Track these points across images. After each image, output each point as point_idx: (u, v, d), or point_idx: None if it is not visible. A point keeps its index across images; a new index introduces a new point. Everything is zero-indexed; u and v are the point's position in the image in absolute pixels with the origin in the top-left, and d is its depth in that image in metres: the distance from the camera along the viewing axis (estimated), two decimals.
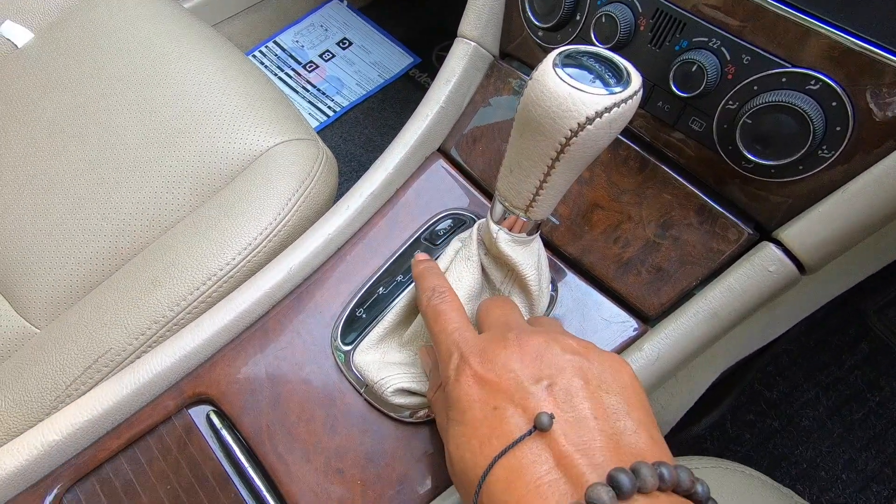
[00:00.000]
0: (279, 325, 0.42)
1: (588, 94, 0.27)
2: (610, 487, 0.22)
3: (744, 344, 0.61)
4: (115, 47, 0.63)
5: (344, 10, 1.21)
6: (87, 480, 0.37)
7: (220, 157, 0.56)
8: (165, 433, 0.38)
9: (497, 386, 0.27)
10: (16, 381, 0.46)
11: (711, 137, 0.37)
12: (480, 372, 0.28)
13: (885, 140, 0.31)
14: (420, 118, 0.48)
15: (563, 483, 0.23)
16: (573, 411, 0.25)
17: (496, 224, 0.35)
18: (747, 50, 0.34)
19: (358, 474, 0.36)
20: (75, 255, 0.53)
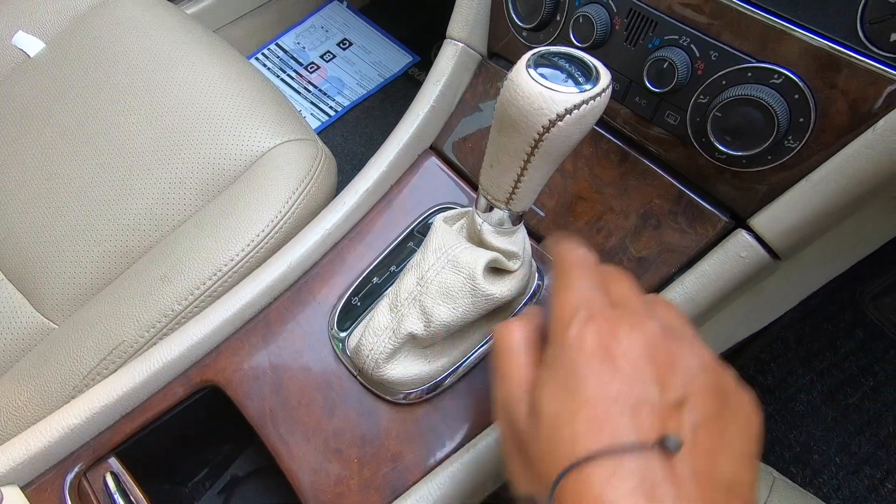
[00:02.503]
0: (280, 316, 0.44)
1: (558, 92, 0.29)
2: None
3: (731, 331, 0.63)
4: (121, 55, 0.65)
5: (344, 11, 1.24)
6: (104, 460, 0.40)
7: (224, 159, 0.58)
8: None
9: (622, 369, 0.23)
10: (36, 373, 0.50)
11: (686, 130, 0.39)
12: (609, 343, 0.24)
13: (845, 130, 0.33)
14: (412, 117, 0.50)
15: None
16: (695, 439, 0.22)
17: (481, 216, 0.37)
18: (715, 47, 0.35)
19: (355, 453, 0.39)
20: (89, 255, 0.56)
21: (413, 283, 0.37)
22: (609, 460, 0.21)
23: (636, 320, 0.25)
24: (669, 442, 0.21)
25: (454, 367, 0.40)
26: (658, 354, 0.24)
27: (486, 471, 0.38)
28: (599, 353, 0.24)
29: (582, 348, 0.24)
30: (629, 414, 0.22)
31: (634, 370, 0.23)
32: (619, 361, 0.24)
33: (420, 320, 0.36)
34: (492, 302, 0.37)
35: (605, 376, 0.23)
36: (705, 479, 0.21)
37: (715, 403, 0.23)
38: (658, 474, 0.21)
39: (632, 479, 0.21)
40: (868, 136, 0.31)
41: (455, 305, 0.36)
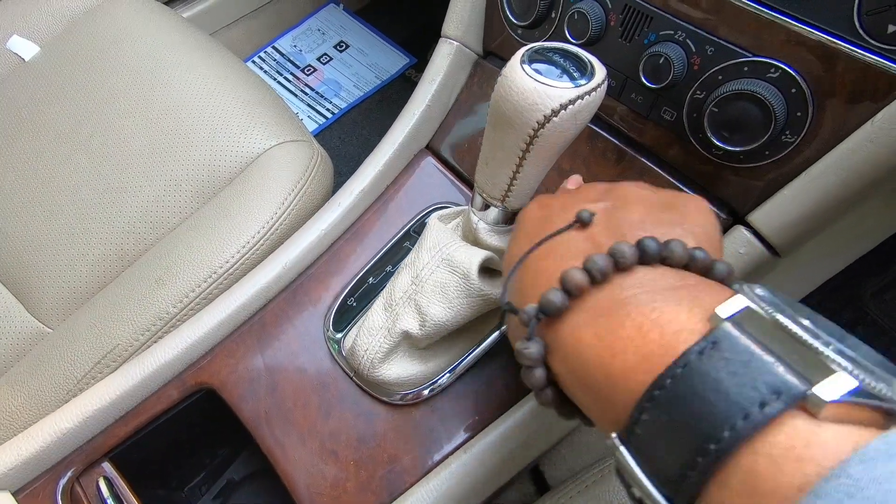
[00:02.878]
0: (275, 317, 0.44)
1: (553, 87, 0.28)
2: (635, 247, 0.22)
3: None
4: (116, 58, 0.65)
5: (340, 14, 1.23)
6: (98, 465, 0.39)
7: (219, 161, 0.58)
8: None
9: (555, 203, 0.29)
10: (30, 378, 0.49)
11: (682, 126, 0.38)
12: (544, 199, 0.30)
13: (843, 124, 0.32)
14: (407, 117, 0.50)
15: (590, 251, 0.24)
16: (623, 215, 0.26)
17: (476, 215, 0.37)
18: (711, 41, 0.35)
19: (351, 455, 0.38)
20: (84, 258, 0.56)
21: (408, 282, 0.36)
22: (541, 248, 0.26)
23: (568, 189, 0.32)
24: (580, 216, 0.26)
25: (450, 367, 0.40)
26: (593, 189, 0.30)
27: (483, 472, 0.38)
28: (537, 207, 0.30)
29: (526, 211, 0.31)
30: (561, 217, 0.27)
31: (565, 200, 0.29)
32: (551, 203, 0.30)
33: (415, 319, 0.36)
34: (487, 302, 0.36)
35: (541, 214, 0.29)
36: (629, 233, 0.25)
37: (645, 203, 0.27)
38: (580, 239, 0.26)
39: (560, 252, 0.25)
40: (867, 129, 0.31)
41: (450, 305, 0.36)
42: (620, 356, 0.20)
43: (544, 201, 0.30)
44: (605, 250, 0.23)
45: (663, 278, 0.22)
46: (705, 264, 0.23)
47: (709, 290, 0.21)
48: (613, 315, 0.21)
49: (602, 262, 0.22)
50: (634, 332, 0.20)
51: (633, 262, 0.22)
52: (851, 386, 0.16)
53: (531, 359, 0.23)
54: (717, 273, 0.23)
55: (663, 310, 0.20)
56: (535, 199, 0.31)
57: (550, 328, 0.23)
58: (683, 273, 0.22)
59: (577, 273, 0.22)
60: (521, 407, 0.39)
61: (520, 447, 0.39)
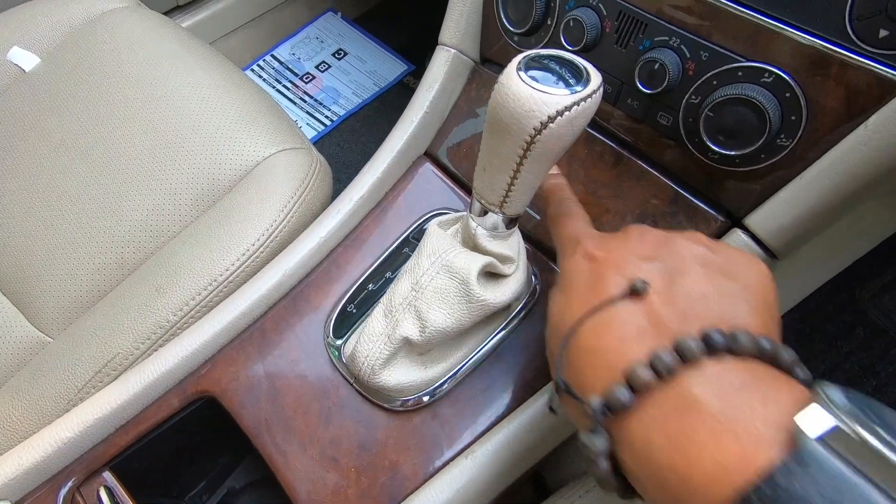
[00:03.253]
0: (276, 325, 0.44)
1: (549, 94, 0.29)
2: (701, 341, 0.21)
3: None
4: (116, 68, 0.66)
5: (338, 22, 1.24)
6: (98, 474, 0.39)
7: (219, 169, 0.58)
8: None
9: (606, 260, 0.28)
10: (31, 387, 0.49)
11: (678, 131, 0.39)
12: (592, 250, 0.29)
13: (837, 127, 0.33)
14: (405, 124, 0.50)
15: (652, 338, 0.23)
16: (682, 287, 0.25)
17: (475, 220, 0.37)
18: (705, 47, 0.35)
19: (352, 462, 0.38)
20: (84, 268, 0.56)
21: (407, 288, 0.37)
22: (593, 318, 0.26)
23: (623, 233, 0.30)
24: (634, 285, 0.25)
25: (451, 372, 0.40)
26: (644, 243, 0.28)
27: (485, 477, 0.38)
28: (585, 259, 0.29)
29: (573, 261, 0.30)
30: (615, 281, 0.26)
31: (616, 256, 0.28)
32: (601, 257, 0.28)
33: (415, 325, 0.36)
34: (487, 308, 0.36)
35: (592, 269, 0.28)
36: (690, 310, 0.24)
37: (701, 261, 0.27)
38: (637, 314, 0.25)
39: (618, 330, 0.24)
40: (860, 133, 0.31)
41: (450, 311, 0.36)
42: (697, 464, 0.19)
43: (591, 252, 0.29)
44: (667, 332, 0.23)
45: (732, 374, 0.21)
46: (771, 354, 0.22)
47: (780, 388, 0.21)
48: (685, 417, 0.21)
49: (668, 359, 0.21)
50: (709, 437, 0.20)
51: (700, 357, 0.21)
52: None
53: (596, 452, 0.23)
54: (783, 362, 0.22)
55: (737, 415, 0.20)
56: (581, 247, 0.30)
57: (616, 422, 0.23)
58: (751, 364, 0.22)
59: (644, 371, 0.22)
60: (522, 412, 0.39)
61: (521, 452, 0.39)
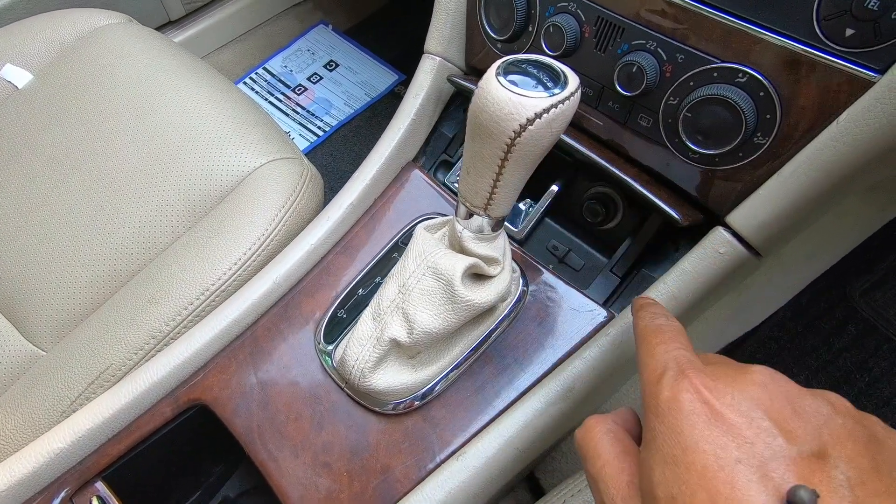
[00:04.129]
0: (267, 332, 0.44)
1: (527, 97, 0.29)
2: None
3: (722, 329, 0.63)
4: (109, 84, 0.66)
5: (329, 34, 1.26)
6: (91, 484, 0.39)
7: (210, 180, 0.59)
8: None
9: (735, 425, 0.20)
10: (24, 400, 0.49)
11: (659, 132, 0.39)
12: (710, 399, 0.20)
13: (812, 124, 0.33)
14: (393, 131, 0.51)
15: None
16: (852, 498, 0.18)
17: (461, 224, 0.38)
18: (681, 49, 0.36)
19: (344, 466, 0.38)
20: (77, 281, 0.56)
21: (394, 290, 0.37)
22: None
23: (735, 369, 0.22)
24: (799, 498, 0.18)
25: (442, 374, 0.40)
26: (773, 402, 0.20)
27: (478, 479, 0.38)
28: (704, 411, 0.20)
29: (681, 409, 0.21)
30: (758, 477, 0.19)
31: (750, 423, 0.20)
32: (728, 417, 0.20)
33: (403, 327, 0.36)
34: (472, 308, 0.37)
35: (716, 437, 0.19)
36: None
37: (866, 451, 0.19)
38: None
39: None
40: (832, 129, 0.32)
41: (436, 312, 0.36)
42: None
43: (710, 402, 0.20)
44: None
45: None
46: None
47: None
48: None
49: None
50: None
51: None
52: None
53: None
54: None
55: None
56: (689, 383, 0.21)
57: None
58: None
59: None
60: (514, 413, 0.40)
61: (514, 453, 0.39)
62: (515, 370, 0.41)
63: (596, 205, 0.45)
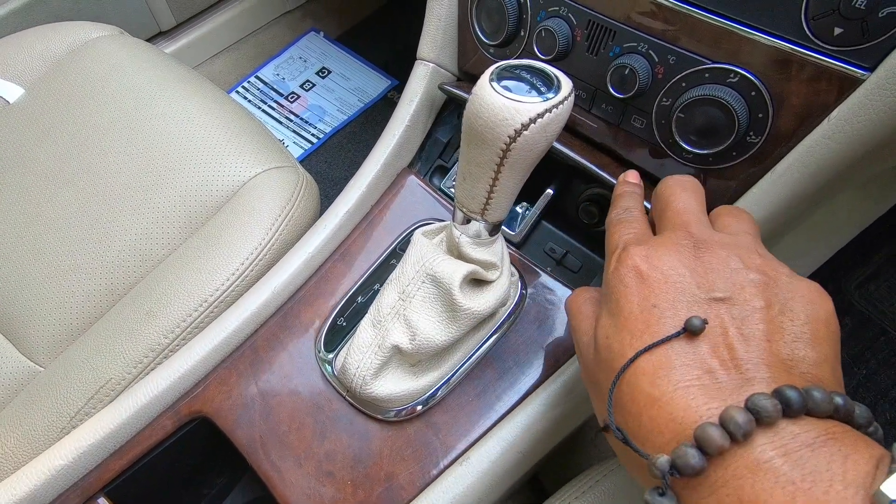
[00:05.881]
0: (267, 342, 0.44)
1: (521, 102, 0.30)
2: (777, 400, 0.20)
3: None
4: (101, 96, 0.66)
5: (321, 41, 1.26)
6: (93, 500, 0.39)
7: (205, 191, 0.59)
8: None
9: (659, 286, 0.25)
10: (23, 417, 0.49)
11: (652, 133, 0.40)
12: (643, 267, 0.26)
13: (803, 123, 0.34)
14: (388, 138, 0.51)
15: (715, 391, 0.22)
16: (743, 327, 0.23)
17: (458, 229, 0.38)
18: (672, 51, 0.37)
19: (347, 475, 0.38)
20: (74, 295, 0.56)
21: (395, 297, 0.37)
22: (649, 356, 0.24)
23: (670, 241, 0.27)
24: (691, 324, 0.23)
25: (443, 380, 0.40)
26: (696, 265, 0.26)
27: (481, 484, 0.38)
28: (635, 275, 0.26)
29: (619, 277, 0.27)
30: (668, 315, 0.24)
31: (667, 279, 0.25)
32: (653, 279, 0.26)
33: (404, 334, 0.36)
34: (474, 317, 0.37)
35: (640, 291, 0.26)
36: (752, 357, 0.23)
37: (763, 295, 0.24)
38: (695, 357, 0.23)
39: (673, 370, 0.23)
40: (824, 127, 0.33)
41: (438, 318, 0.36)
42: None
43: (640, 268, 0.26)
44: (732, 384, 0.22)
45: (807, 434, 0.20)
46: (847, 412, 0.21)
47: (857, 447, 0.20)
48: (759, 480, 0.19)
49: (743, 421, 0.20)
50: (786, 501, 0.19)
51: (776, 419, 0.20)
52: None
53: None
54: (859, 420, 0.21)
55: (815, 477, 0.19)
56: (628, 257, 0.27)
57: (683, 482, 0.22)
58: (826, 423, 0.21)
59: (716, 433, 0.20)
60: (516, 416, 0.40)
61: (517, 456, 0.39)
62: (516, 373, 0.41)
63: (591, 206, 0.46)
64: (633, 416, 0.24)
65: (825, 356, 0.23)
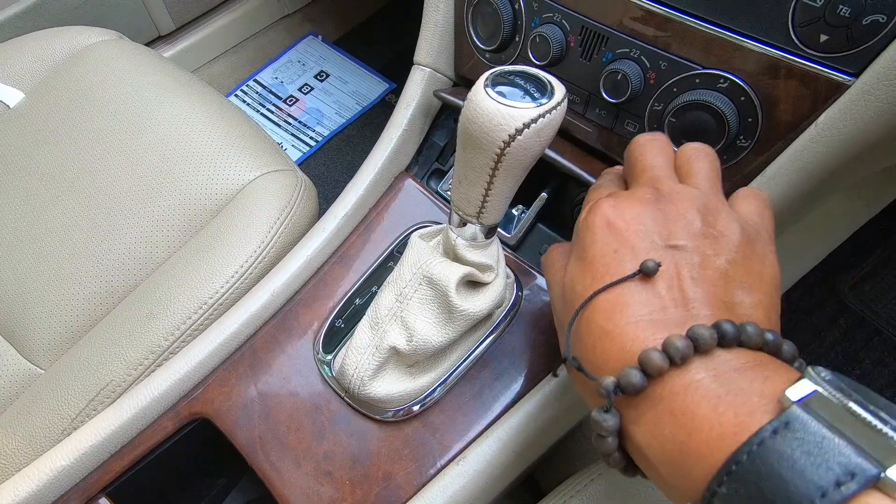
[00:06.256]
0: (266, 344, 0.45)
1: (515, 108, 0.30)
2: (714, 331, 0.23)
3: None
4: (100, 100, 0.67)
5: (319, 45, 1.27)
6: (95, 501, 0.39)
7: (205, 194, 0.59)
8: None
9: (622, 233, 0.28)
10: (24, 419, 0.49)
11: None
12: (611, 217, 0.29)
13: (791, 127, 0.34)
14: (386, 142, 0.52)
15: (662, 324, 0.24)
16: (693, 272, 0.26)
17: (454, 232, 0.38)
18: (663, 57, 0.37)
19: (346, 475, 0.39)
20: (74, 298, 0.56)
21: (392, 299, 0.38)
22: (607, 295, 0.26)
23: (636, 194, 0.30)
24: (645, 266, 0.26)
25: (440, 381, 0.41)
26: (657, 215, 0.28)
27: (478, 483, 0.39)
28: (603, 226, 0.29)
29: (588, 226, 0.29)
30: (627, 258, 0.27)
31: (628, 227, 0.28)
32: (617, 227, 0.28)
33: (402, 335, 0.37)
34: (469, 318, 0.37)
35: (605, 238, 0.28)
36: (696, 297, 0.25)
37: (712, 246, 0.27)
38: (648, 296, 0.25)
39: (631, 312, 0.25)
40: (812, 131, 0.33)
41: (435, 320, 0.37)
42: (697, 434, 0.21)
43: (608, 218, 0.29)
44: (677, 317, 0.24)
45: (737, 360, 0.23)
46: (776, 346, 0.24)
47: (778, 371, 0.22)
48: (690, 396, 0.22)
49: (682, 346, 0.23)
50: (710, 411, 0.21)
51: (712, 347, 0.23)
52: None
53: (608, 430, 0.24)
54: (785, 354, 0.24)
55: (737, 391, 0.21)
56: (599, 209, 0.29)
57: (626, 401, 0.24)
58: (756, 354, 0.23)
59: (658, 356, 0.23)
60: (512, 416, 0.40)
61: (513, 455, 0.39)
62: (512, 374, 0.42)
63: None
64: (588, 348, 0.26)
65: (760, 301, 0.26)
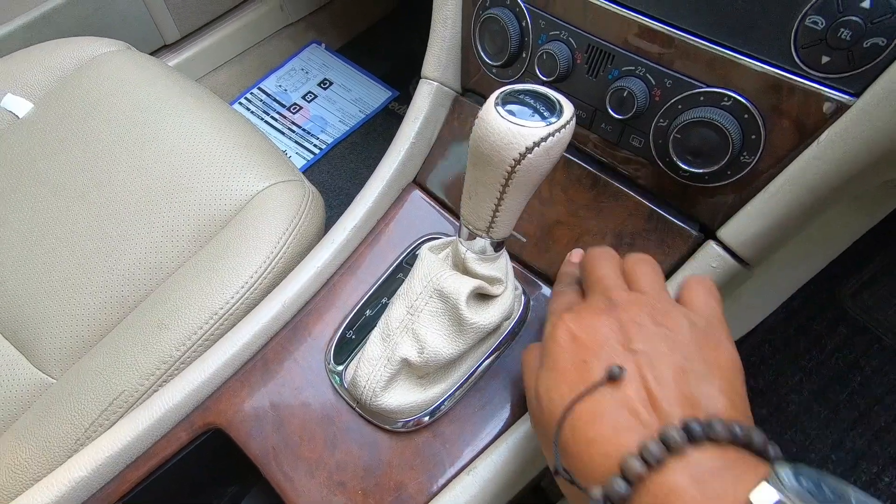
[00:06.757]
0: (278, 354, 0.46)
1: (526, 127, 0.31)
2: (682, 430, 0.25)
3: None
4: (109, 111, 0.68)
5: (322, 53, 1.28)
6: None
7: (214, 205, 0.60)
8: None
9: (586, 344, 0.31)
10: (37, 429, 0.50)
11: (650, 152, 0.41)
12: (574, 329, 0.32)
13: (793, 144, 0.35)
14: (394, 154, 0.53)
15: (638, 428, 0.27)
16: (653, 371, 0.28)
17: (464, 245, 0.39)
18: (668, 75, 0.38)
19: (358, 484, 0.39)
20: (85, 307, 0.57)
21: (403, 311, 0.38)
22: (583, 404, 0.29)
23: (591, 305, 0.33)
24: (611, 372, 0.28)
25: (450, 392, 0.41)
26: (613, 324, 0.31)
27: (487, 492, 0.39)
28: (569, 340, 0.32)
29: (556, 342, 0.32)
30: (596, 366, 0.29)
31: (594, 339, 0.31)
32: (581, 339, 0.31)
33: (413, 347, 0.38)
34: (479, 331, 0.38)
35: (573, 350, 0.31)
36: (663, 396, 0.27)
37: (668, 345, 0.29)
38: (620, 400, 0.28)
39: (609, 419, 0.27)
40: (814, 149, 0.34)
41: (446, 333, 0.38)
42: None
43: (573, 331, 0.32)
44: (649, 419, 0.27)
45: (710, 460, 0.25)
46: (745, 439, 0.25)
47: (747, 471, 0.24)
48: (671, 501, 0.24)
49: (656, 450, 0.25)
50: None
51: (684, 447, 0.25)
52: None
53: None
54: (756, 445, 0.26)
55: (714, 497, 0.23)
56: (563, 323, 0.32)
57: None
58: (726, 451, 0.25)
59: (636, 462, 0.25)
60: (520, 426, 0.41)
61: (522, 465, 0.40)
62: (520, 385, 0.43)
63: None
64: (575, 457, 0.28)
65: (721, 388, 0.28)
